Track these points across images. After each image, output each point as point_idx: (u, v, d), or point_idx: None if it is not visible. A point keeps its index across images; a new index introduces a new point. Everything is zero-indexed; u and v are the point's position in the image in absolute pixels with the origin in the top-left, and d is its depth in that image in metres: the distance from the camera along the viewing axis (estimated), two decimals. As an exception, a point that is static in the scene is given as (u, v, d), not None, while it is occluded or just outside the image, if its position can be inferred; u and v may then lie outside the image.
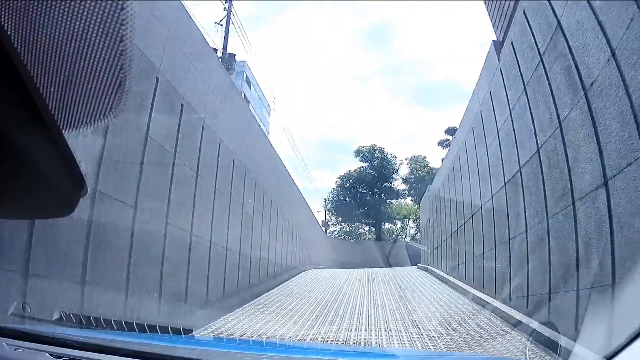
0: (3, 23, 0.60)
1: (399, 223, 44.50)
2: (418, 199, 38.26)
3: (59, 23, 0.64)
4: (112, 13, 0.65)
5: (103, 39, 0.66)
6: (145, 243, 5.18)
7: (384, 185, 42.78)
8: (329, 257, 26.38)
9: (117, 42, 0.67)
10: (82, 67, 0.69)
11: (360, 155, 42.80)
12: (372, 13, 65.03)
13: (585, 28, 4.05)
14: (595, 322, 3.14)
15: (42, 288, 3.60)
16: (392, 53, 65.95)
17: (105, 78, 0.70)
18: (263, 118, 44.87)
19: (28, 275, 3.45)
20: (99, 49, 0.67)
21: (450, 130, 33.57)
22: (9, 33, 0.61)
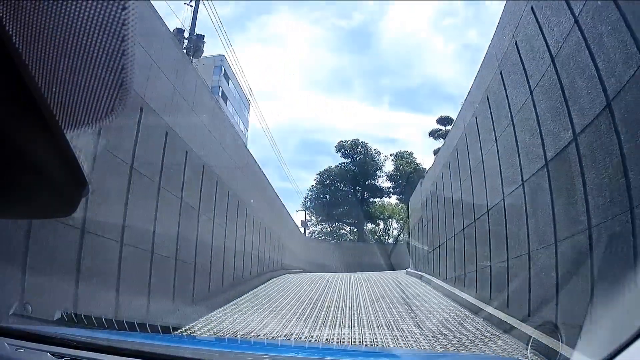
0: (5, 23, 0.59)
1: (382, 223, 41.51)
2: (404, 198, 35.70)
3: (61, 23, 0.63)
4: (113, 13, 0.64)
5: (104, 39, 0.66)
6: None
7: (367, 183, 38.98)
8: (307, 259, 24.27)
9: (118, 42, 0.66)
10: (83, 67, 0.68)
11: (342, 151, 39.04)
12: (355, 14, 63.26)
13: None
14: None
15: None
16: (375, 54, 64.11)
17: (107, 78, 0.70)
18: (241, 114, 42.61)
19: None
20: (101, 49, 0.66)
21: (443, 120, 31.22)
22: (11, 33, 0.60)
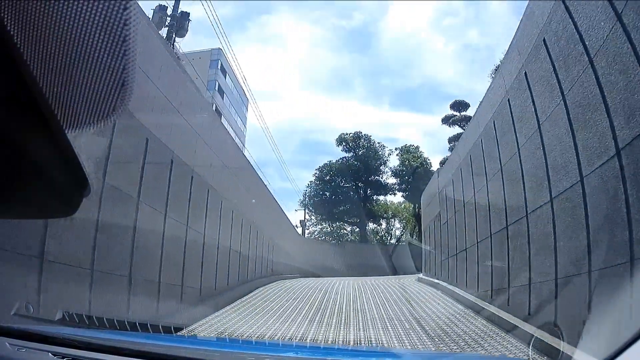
0: (6, 23, 0.59)
1: (384, 223, 38.68)
2: (410, 195, 33.01)
3: (62, 23, 0.63)
4: (115, 13, 0.64)
5: (106, 39, 0.65)
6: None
7: (371, 179, 35.98)
8: (304, 262, 22.10)
9: (120, 42, 0.66)
10: (85, 67, 0.68)
11: (343, 144, 36.03)
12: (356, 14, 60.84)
13: None
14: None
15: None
16: (375, 54, 61.91)
17: (109, 78, 0.69)
18: (240, 110, 40.33)
19: None
20: (102, 49, 0.66)
21: (458, 105, 28.25)
22: (12, 33, 0.60)
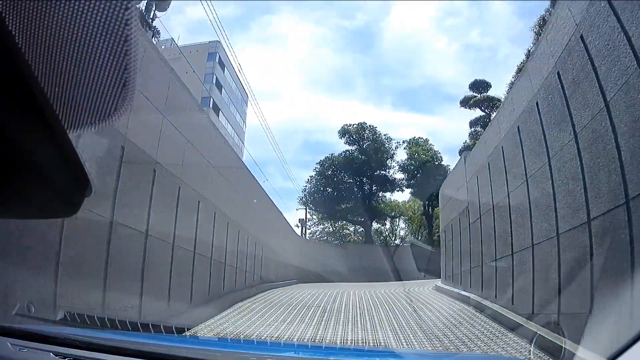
0: (7, 23, 0.59)
1: (388, 223, 36.18)
2: (419, 191, 30.59)
3: (63, 23, 0.63)
4: (116, 13, 0.64)
5: (107, 39, 0.65)
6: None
7: (376, 173, 32.86)
8: (303, 267, 20.14)
9: (121, 42, 0.66)
10: (86, 67, 0.68)
11: (347, 136, 32.83)
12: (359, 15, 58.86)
13: None
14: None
15: None
16: (377, 54, 60.39)
17: (110, 78, 0.69)
18: (239, 107, 38.37)
19: None
20: (103, 49, 0.66)
21: (477, 85, 25.48)
22: (13, 33, 0.60)
